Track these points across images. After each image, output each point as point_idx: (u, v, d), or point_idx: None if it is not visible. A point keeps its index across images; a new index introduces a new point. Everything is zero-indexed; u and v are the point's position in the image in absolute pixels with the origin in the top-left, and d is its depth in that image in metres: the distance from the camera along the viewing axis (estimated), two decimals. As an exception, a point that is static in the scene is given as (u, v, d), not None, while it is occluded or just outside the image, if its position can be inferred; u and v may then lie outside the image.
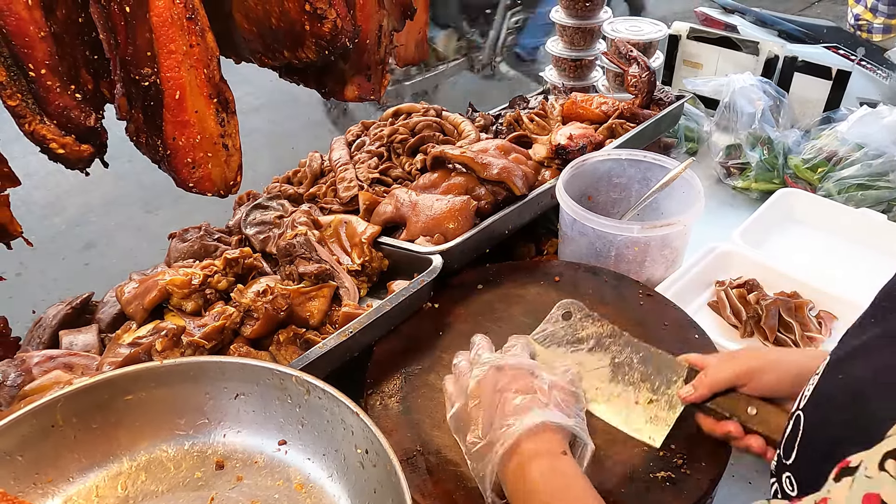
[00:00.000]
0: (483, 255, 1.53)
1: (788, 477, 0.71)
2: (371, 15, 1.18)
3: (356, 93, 1.29)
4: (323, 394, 0.96)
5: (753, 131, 2.04)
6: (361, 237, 1.51)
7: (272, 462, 1.00)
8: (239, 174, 1.08)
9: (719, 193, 2.06)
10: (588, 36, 2.41)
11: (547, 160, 1.71)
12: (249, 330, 1.28)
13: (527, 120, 1.92)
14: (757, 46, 2.28)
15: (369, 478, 0.92)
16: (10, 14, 0.85)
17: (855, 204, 1.81)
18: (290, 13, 1.04)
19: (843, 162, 1.88)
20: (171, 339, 1.18)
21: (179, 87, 0.95)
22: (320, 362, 1.18)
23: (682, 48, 2.43)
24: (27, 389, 1.14)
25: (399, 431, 1.13)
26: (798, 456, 0.70)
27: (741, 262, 1.60)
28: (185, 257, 1.55)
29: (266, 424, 1.01)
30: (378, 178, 1.75)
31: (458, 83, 5.77)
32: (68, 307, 1.43)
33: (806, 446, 0.69)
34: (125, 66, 0.95)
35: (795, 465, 0.70)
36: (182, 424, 1.01)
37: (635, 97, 1.94)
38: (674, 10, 6.60)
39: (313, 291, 1.36)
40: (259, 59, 1.16)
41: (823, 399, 0.70)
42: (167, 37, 0.92)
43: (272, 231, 1.57)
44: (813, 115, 2.13)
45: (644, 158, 1.63)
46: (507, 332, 1.31)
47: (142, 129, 1.01)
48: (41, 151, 0.98)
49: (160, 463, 0.99)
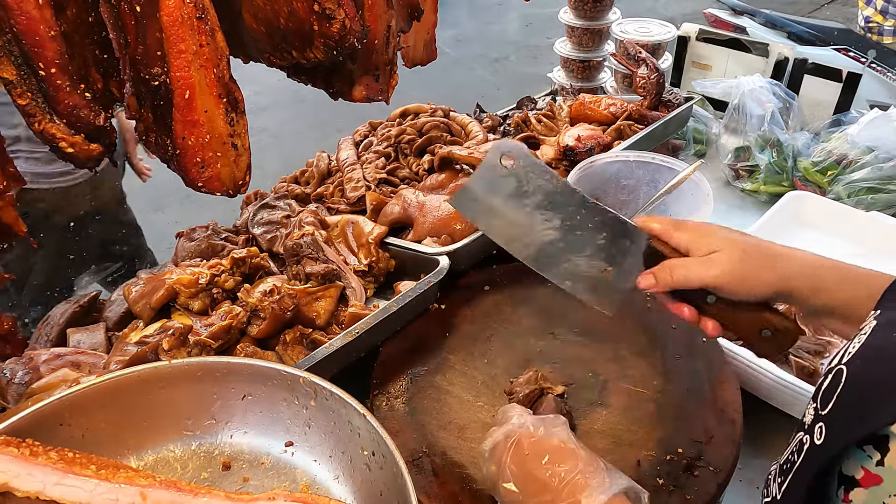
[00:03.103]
0: (490, 256, 1.53)
1: (820, 427, 0.71)
2: (380, 15, 1.17)
3: (364, 93, 1.28)
4: (330, 395, 0.96)
5: (763, 133, 2.03)
6: (368, 237, 1.51)
7: (278, 463, 0.99)
8: (248, 174, 1.08)
9: (728, 196, 2.05)
10: (596, 37, 2.41)
11: (555, 161, 1.71)
12: (256, 329, 1.28)
13: (534, 121, 1.92)
14: (766, 48, 2.27)
15: (375, 480, 0.91)
16: (21, 13, 0.86)
17: (865, 207, 1.80)
18: (299, 13, 1.04)
19: (853, 165, 1.87)
20: (177, 338, 1.18)
21: (189, 87, 0.95)
22: (326, 363, 1.17)
23: (691, 50, 2.42)
24: (35, 387, 1.14)
25: (405, 432, 1.12)
26: (835, 406, 0.70)
27: (750, 265, 1.59)
28: (193, 256, 1.55)
29: (273, 426, 1.01)
30: (385, 178, 1.75)
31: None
32: (76, 305, 1.43)
33: (847, 396, 0.69)
34: (135, 66, 0.95)
35: (831, 415, 0.70)
36: (189, 425, 1.01)
37: (644, 99, 1.93)
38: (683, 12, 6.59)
39: (320, 291, 1.36)
40: (267, 58, 1.16)
41: (874, 354, 0.69)
42: (177, 36, 0.92)
43: (279, 231, 1.57)
44: (823, 118, 2.12)
45: (652, 160, 1.62)
46: (514, 333, 1.31)
47: (151, 128, 1.01)
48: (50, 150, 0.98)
49: (167, 463, 0.98)
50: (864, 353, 0.70)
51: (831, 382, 0.72)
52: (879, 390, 0.65)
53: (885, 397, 0.63)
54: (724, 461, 1.05)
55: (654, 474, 1.03)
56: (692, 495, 1.00)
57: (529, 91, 2.29)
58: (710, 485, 1.02)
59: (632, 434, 1.10)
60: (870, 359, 0.69)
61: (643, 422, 1.12)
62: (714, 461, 1.05)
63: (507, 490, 0.87)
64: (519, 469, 0.87)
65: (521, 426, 0.91)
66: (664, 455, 1.06)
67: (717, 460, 1.05)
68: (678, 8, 7.02)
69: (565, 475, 0.83)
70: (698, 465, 1.04)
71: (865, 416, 0.64)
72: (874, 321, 0.74)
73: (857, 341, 0.73)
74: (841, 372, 0.71)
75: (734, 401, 1.15)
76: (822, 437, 0.70)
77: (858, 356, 0.71)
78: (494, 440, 0.92)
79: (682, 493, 1.00)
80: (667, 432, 1.10)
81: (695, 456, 1.06)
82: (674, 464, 1.05)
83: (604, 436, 1.10)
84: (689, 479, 1.02)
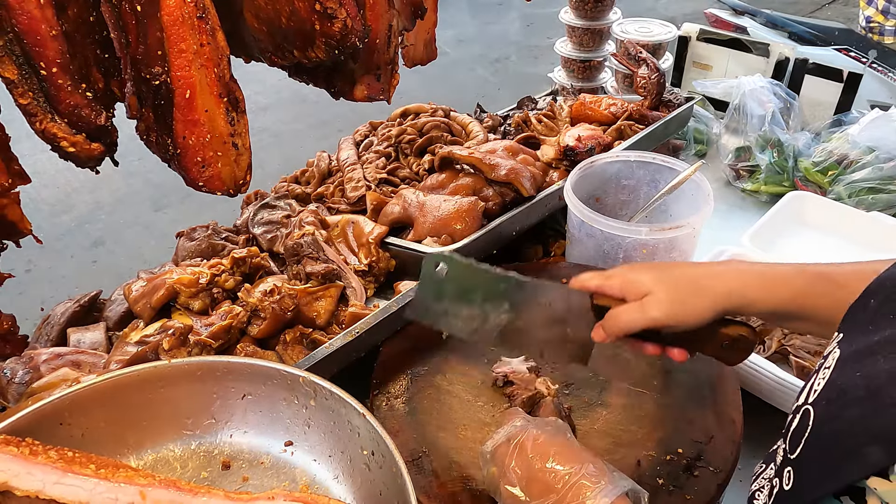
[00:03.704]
0: (490, 256, 1.53)
1: (789, 471, 0.69)
2: (381, 14, 1.17)
3: (365, 93, 1.28)
4: (330, 395, 0.96)
5: (763, 134, 2.02)
6: (369, 237, 1.51)
7: (278, 463, 0.99)
8: (248, 173, 1.08)
9: (728, 196, 2.05)
10: (597, 37, 2.40)
11: (555, 161, 1.71)
12: (256, 329, 1.28)
13: (535, 121, 1.92)
14: (767, 48, 2.27)
15: (375, 480, 0.92)
16: (22, 12, 0.86)
17: (866, 207, 1.79)
18: (301, 13, 1.04)
19: (853, 165, 1.87)
20: (178, 338, 1.18)
21: (190, 86, 0.95)
22: (326, 362, 1.18)
23: (691, 50, 2.42)
24: (35, 387, 1.14)
25: (405, 432, 1.12)
26: (804, 451, 0.68)
27: (750, 265, 1.59)
28: (193, 256, 1.55)
29: (272, 425, 1.01)
30: (386, 178, 1.75)
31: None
32: (76, 305, 1.43)
33: (814, 442, 0.67)
34: (136, 65, 0.95)
35: (799, 459, 0.68)
36: (189, 424, 1.01)
37: (644, 99, 1.93)
38: (683, 12, 6.59)
39: (320, 291, 1.36)
40: (269, 58, 1.16)
41: (837, 394, 0.67)
42: (178, 36, 0.92)
43: (279, 230, 1.57)
44: (824, 118, 2.12)
45: (653, 160, 1.62)
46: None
47: (152, 127, 1.01)
48: (51, 149, 0.98)
49: (167, 462, 0.99)
50: (829, 394, 0.68)
51: (799, 424, 0.70)
52: (847, 439, 0.62)
53: (853, 448, 0.61)
54: (724, 461, 1.05)
55: (655, 474, 1.03)
56: (692, 495, 1.00)
57: (530, 91, 2.29)
58: (710, 485, 1.02)
59: (632, 434, 1.10)
60: (834, 401, 0.67)
61: (643, 422, 1.12)
62: (714, 461, 1.05)
63: (511, 493, 0.87)
64: (523, 471, 0.87)
65: (524, 428, 0.91)
66: (664, 455, 1.06)
67: (717, 460, 1.05)
68: (679, 8, 7.01)
69: (569, 477, 0.84)
70: (698, 466, 1.04)
71: (836, 467, 0.62)
72: (837, 349, 0.72)
73: (822, 377, 0.71)
74: (808, 413, 0.69)
75: (734, 401, 1.15)
76: (790, 483, 0.68)
77: (824, 397, 0.69)
78: (496, 442, 0.92)
79: (682, 493, 1.00)
80: (667, 432, 1.10)
81: (695, 456, 1.06)
82: (674, 464, 1.05)
83: (604, 436, 1.10)
84: (690, 479, 1.02)
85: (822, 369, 0.72)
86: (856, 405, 0.63)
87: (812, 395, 0.71)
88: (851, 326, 0.73)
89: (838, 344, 0.72)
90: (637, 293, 0.94)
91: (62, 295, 1.52)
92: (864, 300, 0.74)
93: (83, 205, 4.65)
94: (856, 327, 0.72)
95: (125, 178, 4.69)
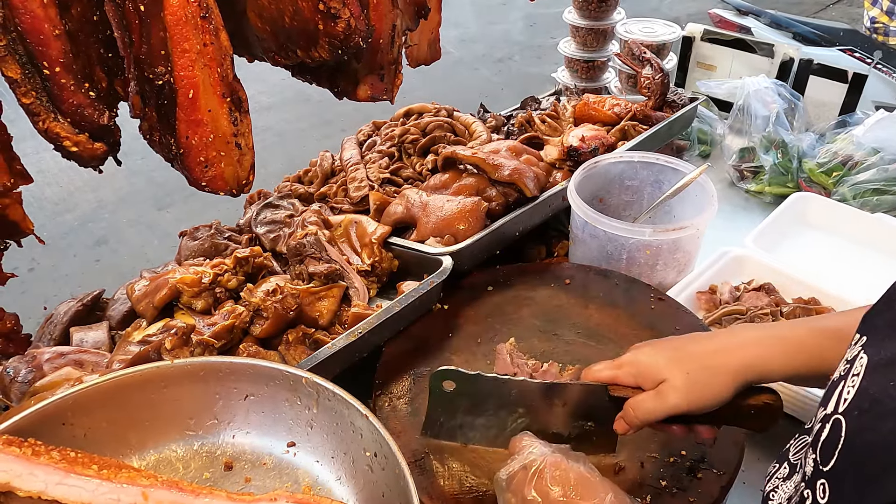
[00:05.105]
0: (493, 256, 1.53)
1: (823, 484, 0.67)
2: (385, 14, 1.17)
3: (369, 92, 1.28)
4: (333, 396, 0.96)
5: (767, 134, 2.02)
6: (371, 237, 1.51)
7: (281, 464, 0.99)
8: (251, 173, 1.08)
9: (732, 197, 2.04)
10: (601, 37, 2.40)
11: (559, 162, 1.70)
12: (259, 329, 1.28)
13: (538, 121, 1.91)
14: (772, 49, 2.26)
15: (378, 481, 0.91)
16: (26, 12, 0.86)
17: (870, 209, 1.79)
18: (304, 12, 1.04)
19: (858, 166, 1.86)
20: (180, 338, 1.18)
21: (193, 86, 0.95)
22: (329, 363, 1.17)
23: (695, 50, 2.41)
24: (38, 386, 1.14)
25: (407, 433, 1.12)
26: (838, 463, 0.65)
27: (754, 266, 1.59)
28: (196, 255, 1.55)
29: (275, 426, 1.01)
30: (389, 178, 1.75)
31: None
32: (79, 304, 1.43)
33: (848, 454, 0.65)
34: (139, 65, 0.95)
35: (834, 472, 0.66)
36: (192, 424, 1.01)
37: (648, 99, 1.92)
38: (688, 12, 6.58)
39: (323, 291, 1.36)
40: (272, 58, 1.16)
41: (870, 404, 0.65)
42: (181, 35, 0.92)
43: (282, 230, 1.57)
44: (828, 119, 2.11)
45: (657, 161, 1.61)
46: (517, 334, 1.31)
47: (155, 127, 1.01)
48: (55, 149, 0.98)
49: (169, 463, 0.98)
50: (861, 404, 0.66)
51: (830, 435, 0.68)
52: (884, 453, 0.60)
53: (892, 462, 0.58)
54: (727, 463, 1.04)
55: (658, 476, 1.03)
56: (695, 497, 1.00)
57: (533, 91, 2.29)
58: (713, 487, 1.01)
59: (635, 436, 1.10)
60: (868, 412, 0.64)
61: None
62: (717, 463, 1.04)
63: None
64: (543, 500, 0.86)
65: (541, 456, 0.90)
66: (667, 457, 1.06)
67: (720, 462, 1.04)
68: (683, 8, 7.00)
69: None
70: (701, 468, 1.04)
71: (874, 482, 0.59)
72: (864, 354, 0.69)
73: (851, 384, 0.69)
74: (839, 423, 0.67)
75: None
76: (825, 496, 0.66)
77: (855, 406, 0.66)
78: (511, 470, 0.90)
79: (685, 495, 1.00)
80: (670, 434, 1.09)
81: (698, 458, 1.05)
82: (677, 466, 1.04)
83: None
84: (693, 481, 1.02)
85: (851, 376, 0.70)
86: (891, 417, 0.61)
87: (842, 405, 0.69)
88: (872, 330, 0.71)
89: (864, 348, 0.70)
90: (652, 381, 0.94)
91: (65, 294, 1.52)
92: (886, 304, 0.72)
93: (86, 204, 4.66)
94: (879, 332, 0.70)
95: (128, 177, 4.69)
